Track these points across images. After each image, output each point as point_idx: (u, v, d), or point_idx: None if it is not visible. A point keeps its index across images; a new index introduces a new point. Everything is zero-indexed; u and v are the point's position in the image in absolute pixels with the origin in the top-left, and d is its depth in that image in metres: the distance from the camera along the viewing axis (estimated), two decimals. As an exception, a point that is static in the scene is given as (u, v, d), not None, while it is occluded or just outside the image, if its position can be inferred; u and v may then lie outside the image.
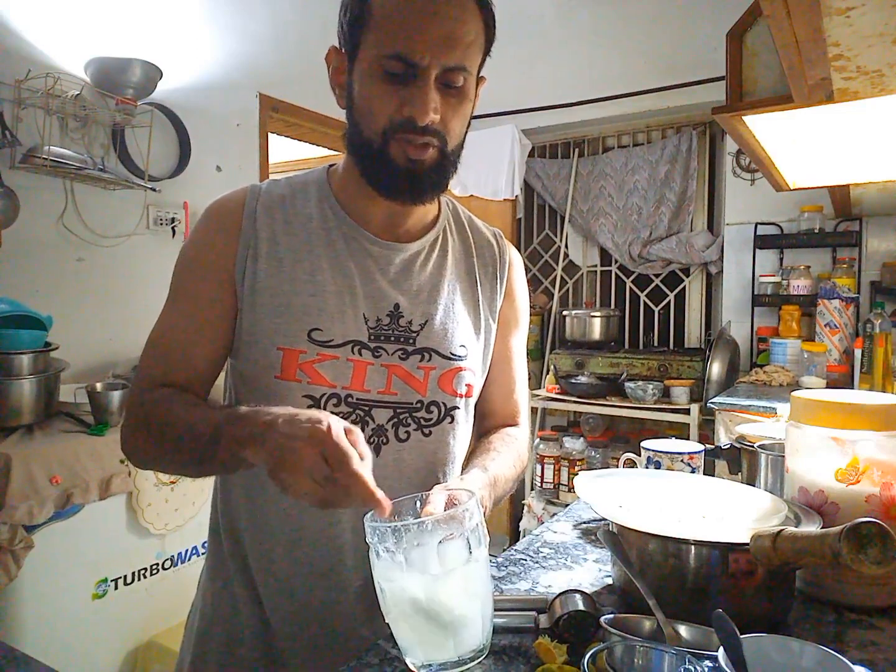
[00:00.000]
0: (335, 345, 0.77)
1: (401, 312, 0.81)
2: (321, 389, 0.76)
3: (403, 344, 0.81)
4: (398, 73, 0.71)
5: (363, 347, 0.78)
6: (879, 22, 0.75)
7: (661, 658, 0.56)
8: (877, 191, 2.03)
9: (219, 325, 0.78)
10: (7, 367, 1.76)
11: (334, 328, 0.77)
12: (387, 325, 0.80)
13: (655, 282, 3.42)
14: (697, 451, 1.08)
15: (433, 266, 0.86)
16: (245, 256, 0.78)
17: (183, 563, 2.03)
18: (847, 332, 2.47)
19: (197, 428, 0.69)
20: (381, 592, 0.61)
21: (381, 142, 0.74)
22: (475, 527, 0.62)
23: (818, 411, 0.81)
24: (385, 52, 0.71)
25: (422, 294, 0.83)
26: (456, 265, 0.88)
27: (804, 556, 0.62)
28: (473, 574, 0.61)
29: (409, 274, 0.83)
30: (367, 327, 0.79)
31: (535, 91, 3.42)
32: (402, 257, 0.83)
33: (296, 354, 0.76)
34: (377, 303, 0.80)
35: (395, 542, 0.59)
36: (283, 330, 0.76)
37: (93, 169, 2.18)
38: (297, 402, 0.75)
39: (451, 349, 0.84)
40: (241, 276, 0.78)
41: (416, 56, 0.70)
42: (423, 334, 0.82)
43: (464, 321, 0.86)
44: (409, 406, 0.81)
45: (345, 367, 0.77)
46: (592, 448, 3.03)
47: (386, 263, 0.82)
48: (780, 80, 1.02)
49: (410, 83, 0.72)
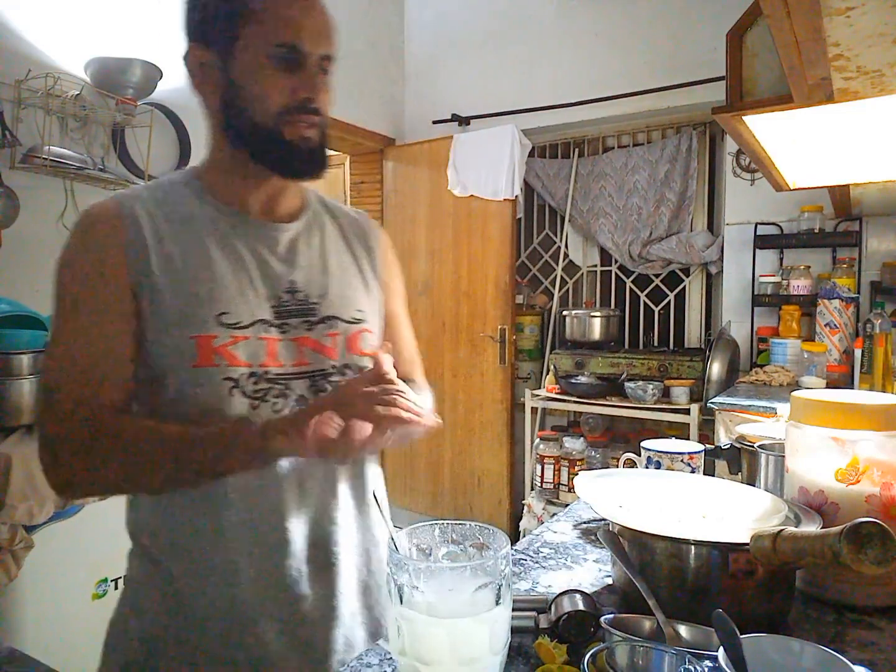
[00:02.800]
0: (244, 326, 0.80)
1: (298, 287, 0.85)
2: (239, 370, 0.79)
3: (307, 316, 0.85)
4: (287, 60, 0.78)
5: (270, 325, 0.82)
6: (879, 22, 0.75)
7: (661, 658, 0.56)
8: (877, 191, 2.03)
9: (129, 331, 0.79)
10: (7, 367, 1.76)
11: (240, 310, 0.80)
12: (288, 301, 0.84)
13: (655, 282, 3.42)
14: (697, 451, 1.08)
15: (317, 241, 0.91)
16: (137, 260, 0.79)
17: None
18: (847, 332, 2.47)
19: (197, 440, 0.74)
20: (398, 631, 0.57)
21: (274, 125, 0.79)
22: (507, 573, 0.58)
23: (818, 411, 0.81)
24: (273, 41, 0.77)
25: (313, 268, 0.88)
26: (334, 242, 0.94)
27: (804, 556, 0.62)
28: (500, 621, 0.58)
29: (297, 251, 0.88)
30: (269, 306, 0.83)
31: (535, 91, 3.43)
32: (287, 237, 0.88)
33: (209, 340, 0.78)
34: (274, 281, 0.84)
35: (426, 583, 0.56)
36: (192, 319, 0.78)
37: (93, 169, 2.18)
38: (218, 385, 0.77)
39: (352, 314, 0.89)
40: (138, 281, 0.78)
41: (302, 44, 0.78)
42: (323, 304, 0.86)
43: (356, 288, 0.92)
44: (324, 372, 0.85)
45: (257, 345, 0.80)
46: (592, 448, 3.03)
47: (274, 244, 0.86)
48: (780, 80, 1.02)
49: (297, 70, 0.79)
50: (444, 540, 0.63)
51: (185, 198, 0.85)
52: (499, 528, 0.61)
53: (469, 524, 0.63)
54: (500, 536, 0.61)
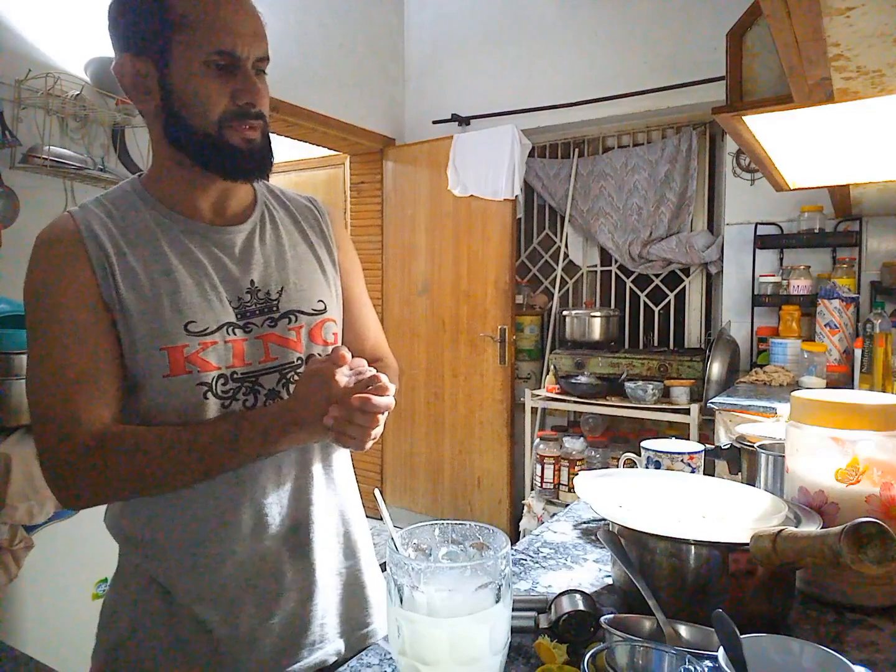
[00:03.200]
0: (211, 331, 0.82)
1: (257, 287, 0.87)
2: (210, 374, 0.81)
3: (269, 313, 0.87)
4: (223, 66, 0.79)
5: (235, 327, 0.84)
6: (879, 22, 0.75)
7: (661, 658, 0.56)
8: (877, 191, 2.03)
9: (110, 347, 0.79)
10: (7, 367, 1.76)
11: (206, 317, 0.82)
12: (249, 301, 0.86)
13: (655, 282, 3.42)
14: (697, 451, 1.08)
15: (270, 238, 0.92)
16: (105, 275, 0.79)
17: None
18: (847, 332, 2.47)
19: (200, 443, 0.77)
20: (398, 631, 0.57)
21: (216, 130, 0.80)
22: (507, 573, 0.58)
23: (818, 411, 0.81)
24: (209, 48, 0.78)
25: (270, 265, 0.90)
26: (289, 233, 0.95)
27: (804, 556, 0.62)
28: (500, 622, 0.58)
29: (252, 251, 0.89)
30: (232, 308, 0.85)
31: (535, 91, 3.43)
32: (240, 238, 0.89)
33: (180, 350, 0.80)
34: (233, 284, 0.86)
35: (427, 583, 0.56)
36: (161, 331, 0.79)
37: (93, 169, 2.18)
38: (192, 390, 0.80)
39: (312, 305, 0.91)
40: (109, 296, 0.79)
41: (238, 49, 0.79)
42: (283, 300, 0.89)
43: (314, 278, 0.94)
44: (291, 364, 0.88)
45: (224, 348, 0.83)
46: (592, 448, 3.03)
47: (229, 246, 0.88)
48: (780, 80, 1.02)
49: (234, 74, 0.80)
50: (444, 540, 0.63)
51: (135, 209, 0.85)
52: (499, 528, 0.61)
53: (469, 524, 0.63)
54: (500, 536, 0.61)
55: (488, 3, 3.55)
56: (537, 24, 3.40)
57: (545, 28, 3.39)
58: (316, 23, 3.24)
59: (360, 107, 3.51)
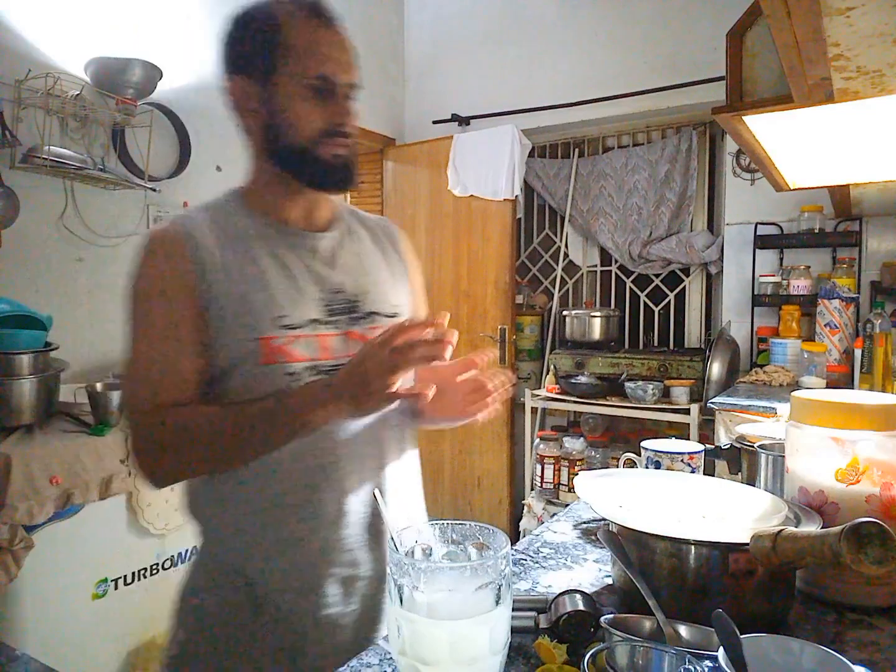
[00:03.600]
0: (299, 325, 0.89)
1: (343, 288, 0.95)
2: (298, 365, 0.88)
3: (352, 313, 0.95)
4: (320, 90, 0.89)
5: (321, 323, 0.92)
6: (879, 22, 0.75)
7: (661, 658, 0.56)
8: (877, 191, 2.03)
9: (196, 340, 0.87)
10: (7, 367, 1.75)
11: (295, 312, 0.89)
12: (335, 301, 0.94)
13: (655, 282, 3.42)
14: (697, 451, 1.08)
15: (352, 247, 1.01)
16: (202, 274, 0.87)
17: (183, 562, 2.03)
18: (847, 332, 2.47)
19: (248, 420, 0.82)
20: (398, 632, 0.57)
21: (311, 146, 0.90)
22: (507, 573, 0.58)
23: (818, 411, 0.81)
24: (311, 74, 0.88)
25: (353, 270, 0.98)
26: (367, 245, 1.04)
27: (804, 556, 0.62)
28: (500, 622, 0.58)
29: (338, 255, 0.98)
30: (319, 306, 0.92)
31: (535, 91, 3.42)
32: (327, 244, 0.97)
33: (271, 341, 0.87)
34: (321, 284, 0.94)
35: (427, 583, 0.56)
36: (255, 324, 0.87)
37: (93, 169, 2.18)
38: (280, 378, 0.87)
39: (390, 309, 0.99)
40: (205, 292, 0.87)
41: (335, 76, 0.89)
42: (365, 302, 0.96)
43: (391, 285, 1.03)
44: None
45: (312, 342, 0.90)
46: (592, 448, 3.03)
47: (317, 250, 0.96)
48: (780, 80, 1.02)
49: (329, 97, 0.90)
50: (444, 540, 0.63)
51: (233, 215, 0.94)
52: (499, 528, 0.61)
53: (469, 524, 0.63)
54: (500, 536, 0.61)
55: (488, 3, 3.55)
56: (537, 24, 3.40)
57: (545, 28, 3.39)
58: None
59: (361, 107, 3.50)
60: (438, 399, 0.83)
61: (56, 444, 1.73)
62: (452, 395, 0.94)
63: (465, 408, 0.94)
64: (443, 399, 0.91)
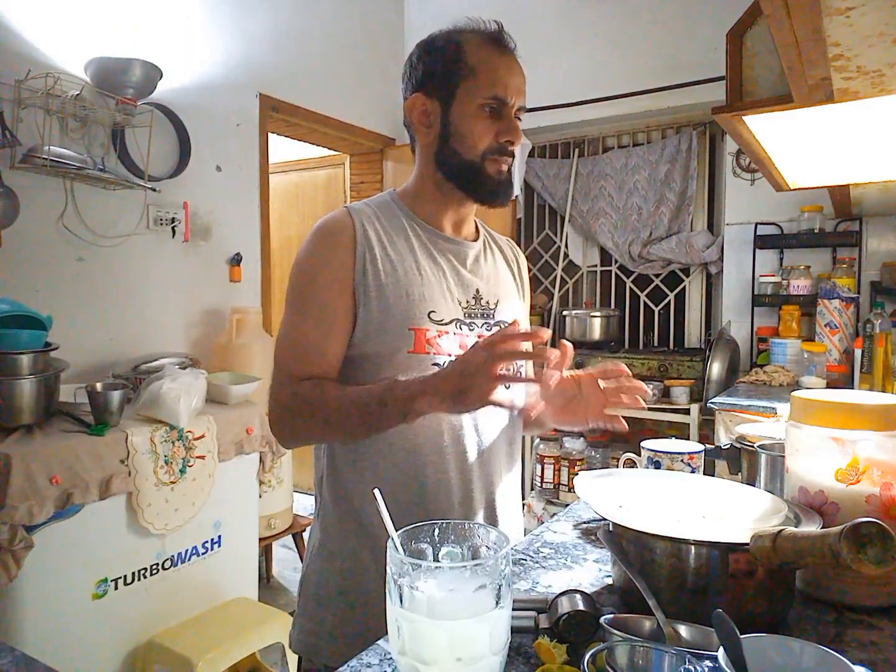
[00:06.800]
0: (445, 322, 0.99)
1: (481, 295, 1.05)
2: (442, 357, 0.97)
3: (486, 318, 1.04)
4: (495, 110, 0.97)
5: (462, 323, 1.01)
6: (879, 22, 0.75)
7: (661, 658, 0.55)
8: (877, 191, 2.03)
9: (343, 325, 0.96)
10: (7, 367, 1.76)
11: (443, 310, 0.99)
12: (473, 305, 1.03)
13: (655, 282, 3.42)
14: (697, 451, 1.08)
15: (491, 259, 1.11)
16: (364, 263, 0.96)
17: (183, 563, 2.03)
18: (847, 332, 2.47)
19: (363, 400, 0.88)
20: (398, 631, 0.57)
21: (479, 162, 0.98)
22: (507, 574, 0.58)
23: (818, 411, 0.81)
24: (487, 94, 0.96)
25: (491, 280, 1.07)
26: (500, 260, 1.14)
27: (804, 556, 0.62)
28: (500, 621, 0.57)
29: (479, 265, 1.07)
30: (461, 308, 1.02)
31: (535, 91, 3.41)
32: (472, 253, 1.07)
33: (423, 332, 0.96)
34: (464, 288, 1.03)
35: (427, 583, 0.56)
36: (410, 314, 0.96)
37: (93, 169, 2.18)
38: (427, 367, 0.94)
39: (512, 320, 1.05)
40: (362, 281, 0.95)
41: (508, 97, 0.98)
42: (497, 311, 1.06)
43: (516, 300, 1.12)
44: None
45: (454, 338, 0.99)
46: (592, 448, 3.03)
47: (463, 257, 1.05)
48: (780, 80, 1.02)
49: (500, 117, 0.98)
50: (444, 540, 0.63)
51: (395, 215, 1.03)
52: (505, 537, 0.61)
53: (469, 524, 0.63)
54: (500, 536, 0.61)
55: (488, 3, 3.54)
56: (537, 24, 3.40)
57: (545, 28, 3.39)
58: (316, 23, 3.24)
59: (360, 107, 3.51)
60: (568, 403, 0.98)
61: (56, 444, 1.73)
62: (588, 399, 1.00)
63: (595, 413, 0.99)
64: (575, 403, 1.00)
